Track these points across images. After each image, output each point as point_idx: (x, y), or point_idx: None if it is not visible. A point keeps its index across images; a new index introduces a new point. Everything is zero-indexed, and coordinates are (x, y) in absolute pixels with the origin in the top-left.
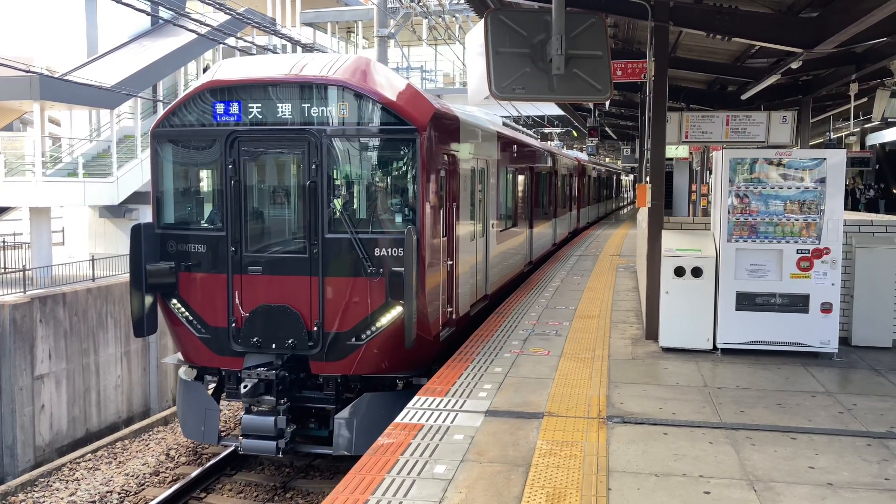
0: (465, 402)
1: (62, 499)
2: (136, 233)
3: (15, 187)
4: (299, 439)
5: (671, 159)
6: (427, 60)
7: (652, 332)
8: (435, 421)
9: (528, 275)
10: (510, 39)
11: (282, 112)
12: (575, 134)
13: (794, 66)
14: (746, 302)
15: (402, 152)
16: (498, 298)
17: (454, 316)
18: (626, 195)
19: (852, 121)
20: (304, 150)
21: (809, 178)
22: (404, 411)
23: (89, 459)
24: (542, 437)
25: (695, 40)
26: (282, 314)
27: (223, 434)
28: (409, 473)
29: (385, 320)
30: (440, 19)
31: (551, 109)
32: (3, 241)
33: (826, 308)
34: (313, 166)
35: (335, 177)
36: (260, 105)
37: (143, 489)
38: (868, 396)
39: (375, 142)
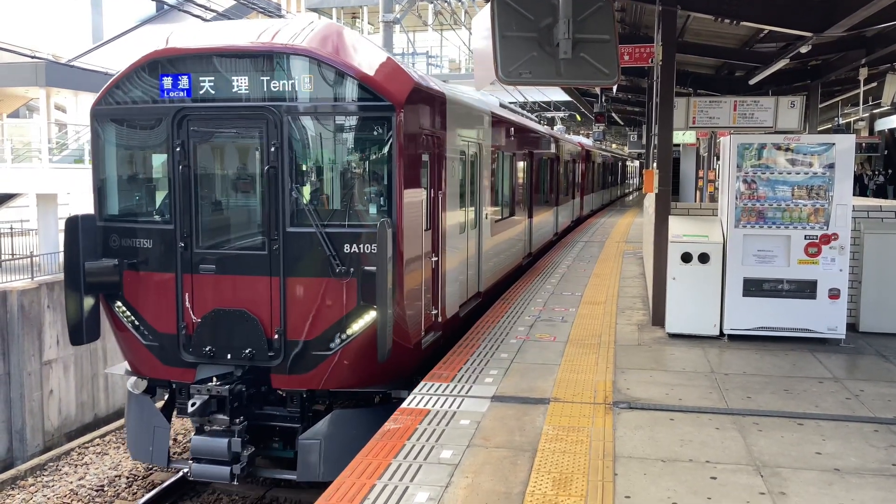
0: (471, 387)
1: (71, 482)
2: (72, 225)
3: (22, 174)
4: (261, 462)
5: (678, 145)
6: (433, 46)
7: (658, 318)
8: (441, 406)
9: (527, 268)
10: (517, 23)
11: (238, 86)
12: (579, 118)
13: (803, 50)
14: (754, 288)
15: (375, 132)
16: (493, 295)
17: (440, 319)
18: (631, 181)
19: (861, 106)
20: (262, 131)
21: (818, 163)
22: (410, 397)
23: (98, 444)
24: (548, 423)
25: (703, 24)
26: (238, 320)
27: (175, 455)
28: (415, 458)
29: (357, 327)
30: (446, 4)
31: (558, 95)
32: (11, 228)
33: (834, 294)
34: (273, 149)
35: (298, 161)
36: (213, 78)
37: (151, 474)
38: (876, 382)
39: (344, 120)
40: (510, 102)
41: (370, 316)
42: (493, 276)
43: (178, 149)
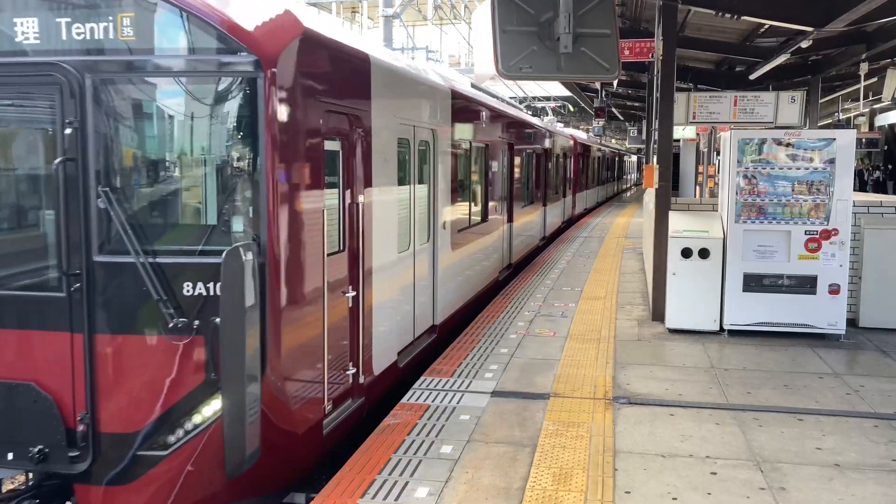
0: (470, 382)
1: None
2: None
3: None
4: None
5: (678, 140)
6: (433, 40)
7: (658, 314)
8: (441, 401)
9: (505, 283)
10: (517, 17)
11: (22, 33)
12: (572, 108)
13: (804, 45)
14: (754, 283)
15: (231, 103)
16: (457, 325)
17: (362, 379)
18: (629, 177)
19: (861, 101)
20: (53, 102)
21: (818, 158)
22: (410, 392)
23: None
24: (548, 418)
25: (703, 19)
26: (22, 399)
27: None
28: (415, 453)
29: (210, 412)
30: None
31: (558, 90)
32: None
33: (834, 289)
34: (69, 130)
35: (110, 149)
36: None
37: None
38: (876, 378)
39: (181, 83)
40: (510, 97)
41: None
42: (456, 300)
43: None
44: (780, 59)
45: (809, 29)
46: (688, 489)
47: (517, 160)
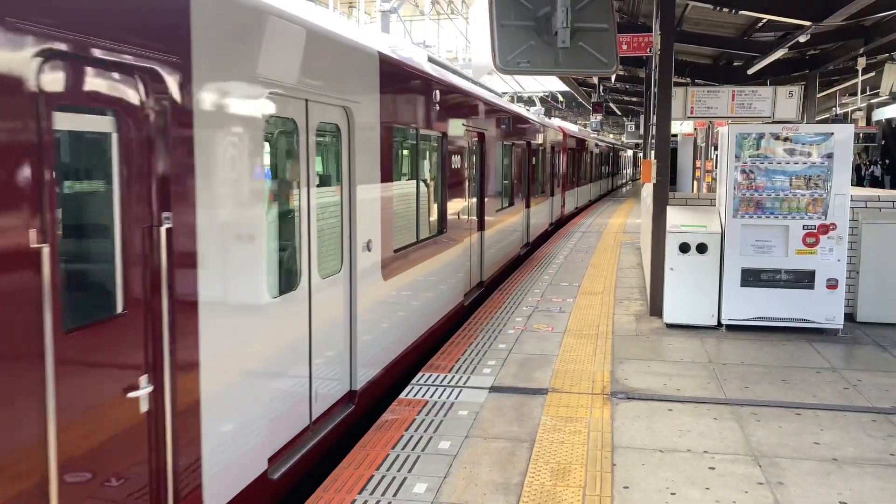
0: (469, 378)
1: None
2: None
3: None
4: None
5: (675, 135)
6: (430, 35)
7: (656, 309)
8: (439, 397)
9: (475, 307)
10: (515, 12)
11: None
12: (561, 98)
13: (802, 39)
14: (752, 278)
15: None
16: (398, 383)
17: None
18: (625, 172)
19: (859, 96)
20: None
21: (816, 153)
22: (408, 388)
23: None
24: (546, 413)
25: (701, 13)
26: None
27: None
28: (413, 449)
29: None
30: None
31: (555, 85)
32: None
33: (832, 284)
34: None
35: None
36: None
37: None
38: (873, 372)
39: None
40: (503, 93)
41: None
42: (393, 348)
43: None
44: (778, 54)
45: (807, 23)
46: (686, 484)
47: (491, 154)
